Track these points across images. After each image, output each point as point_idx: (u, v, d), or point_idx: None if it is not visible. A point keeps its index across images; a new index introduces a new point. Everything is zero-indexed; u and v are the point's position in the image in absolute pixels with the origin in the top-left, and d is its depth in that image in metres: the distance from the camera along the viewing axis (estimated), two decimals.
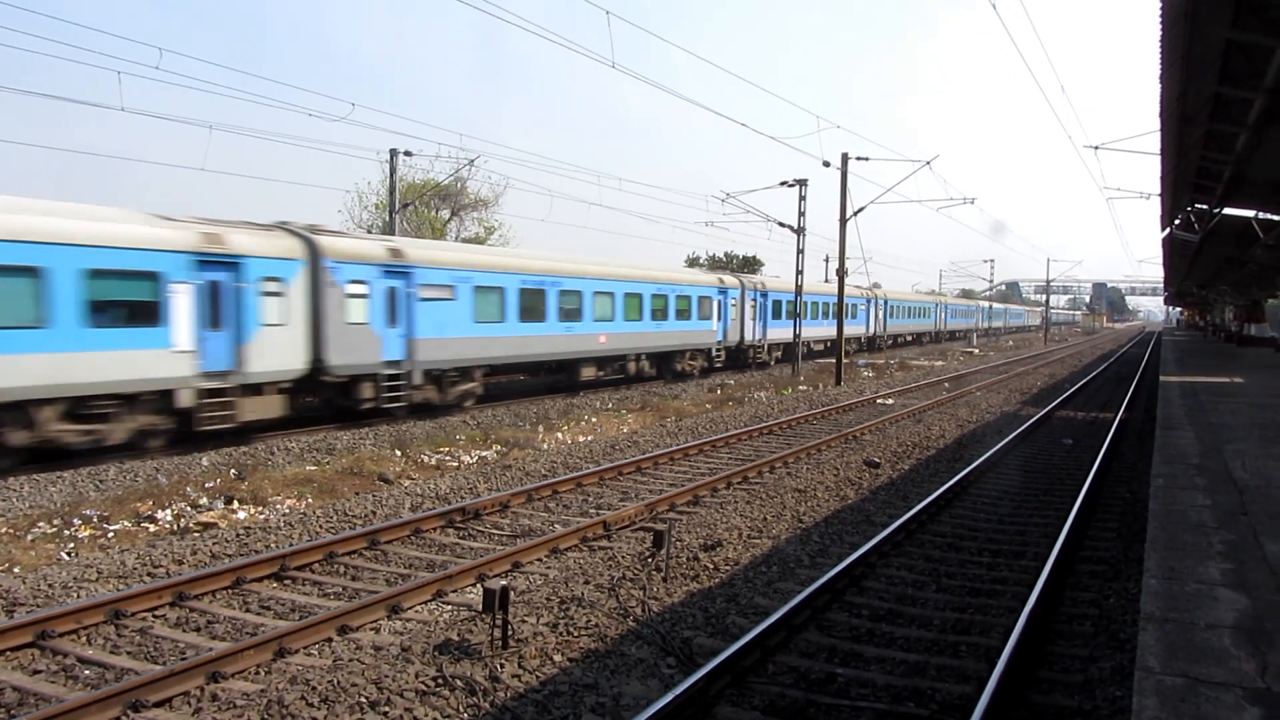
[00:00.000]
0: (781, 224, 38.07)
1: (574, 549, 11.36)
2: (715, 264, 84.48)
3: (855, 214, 34.79)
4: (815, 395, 30.43)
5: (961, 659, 7.78)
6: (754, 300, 40.08)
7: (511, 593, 8.05)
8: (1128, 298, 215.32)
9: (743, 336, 39.57)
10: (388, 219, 36.55)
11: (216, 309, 17.53)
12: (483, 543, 11.68)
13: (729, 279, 38.85)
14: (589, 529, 11.86)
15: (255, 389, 18.40)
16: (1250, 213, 24.45)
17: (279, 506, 13.62)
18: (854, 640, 8.19)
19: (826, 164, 34.33)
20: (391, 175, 35.74)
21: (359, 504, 13.33)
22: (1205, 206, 22.81)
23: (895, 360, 50.99)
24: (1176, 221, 27.04)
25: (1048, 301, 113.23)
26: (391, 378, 21.40)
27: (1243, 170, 16.89)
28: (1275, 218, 24.13)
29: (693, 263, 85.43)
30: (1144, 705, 4.34)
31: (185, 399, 17.09)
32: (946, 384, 35.87)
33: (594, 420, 23.44)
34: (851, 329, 52.61)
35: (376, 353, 20.92)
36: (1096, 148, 22.00)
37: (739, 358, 40.02)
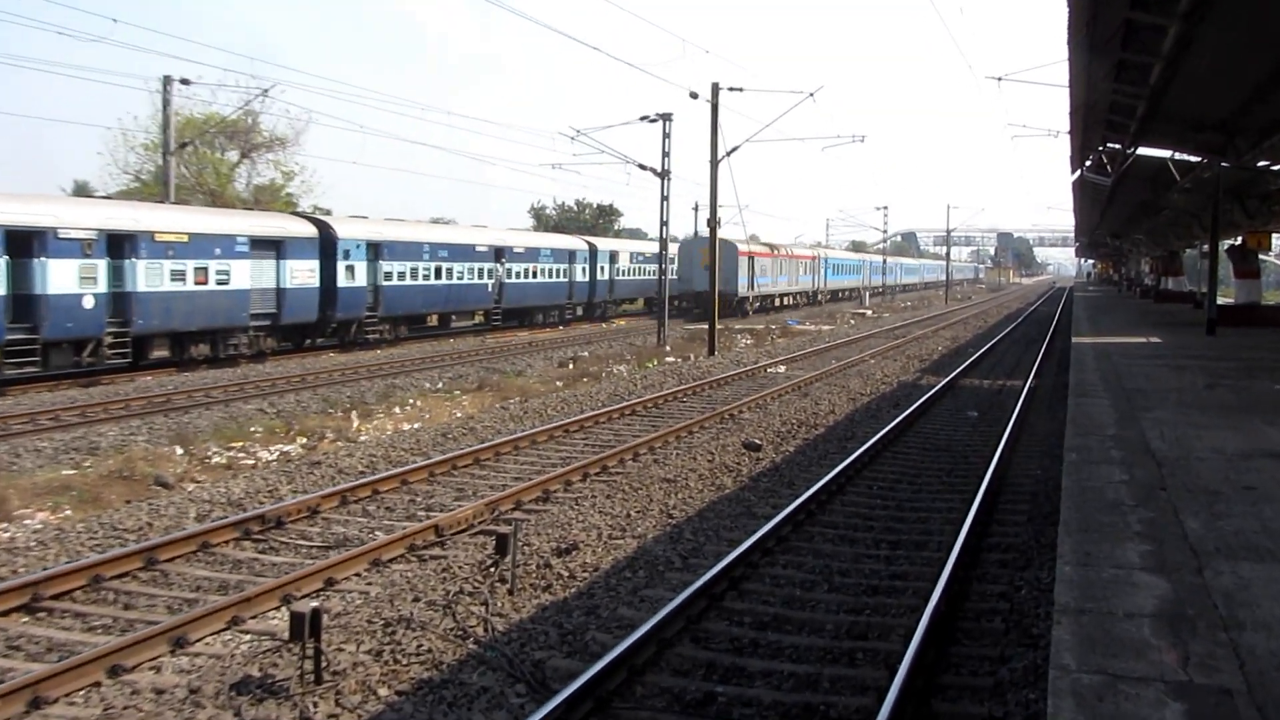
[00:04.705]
0: (643, 166, 38.25)
1: (400, 560, 11.21)
2: (565, 214, 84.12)
3: (728, 154, 35.33)
4: (685, 368, 30.85)
5: (859, 668, 8.06)
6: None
7: (325, 616, 7.90)
8: (1036, 249, 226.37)
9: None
10: (161, 162, 35.00)
11: None
12: (288, 556, 11.40)
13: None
14: (418, 535, 11.73)
15: None
16: (1166, 153, 26.02)
17: (28, 521, 12.98)
18: (735, 653, 8.37)
19: (694, 95, 34.67)
20: (165, 108, 34.15)
21: (131, 515, 12.81)
22: (1118, 146, 24.15)
23: (776, 326, 52.12)
24: (1088, 163, 28.54)
25: (949, 255, 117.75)
26: None
27: (1157, 105, 17.92)
28: (1192, 159, 25.74)
29: (538, 213, 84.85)
30: (1059, 708, 4.58)
31: None
32: (835, 351, 36.92)
33: (420, 404, 23.16)
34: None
35: None
36: (1000, 79, 23.01)
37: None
